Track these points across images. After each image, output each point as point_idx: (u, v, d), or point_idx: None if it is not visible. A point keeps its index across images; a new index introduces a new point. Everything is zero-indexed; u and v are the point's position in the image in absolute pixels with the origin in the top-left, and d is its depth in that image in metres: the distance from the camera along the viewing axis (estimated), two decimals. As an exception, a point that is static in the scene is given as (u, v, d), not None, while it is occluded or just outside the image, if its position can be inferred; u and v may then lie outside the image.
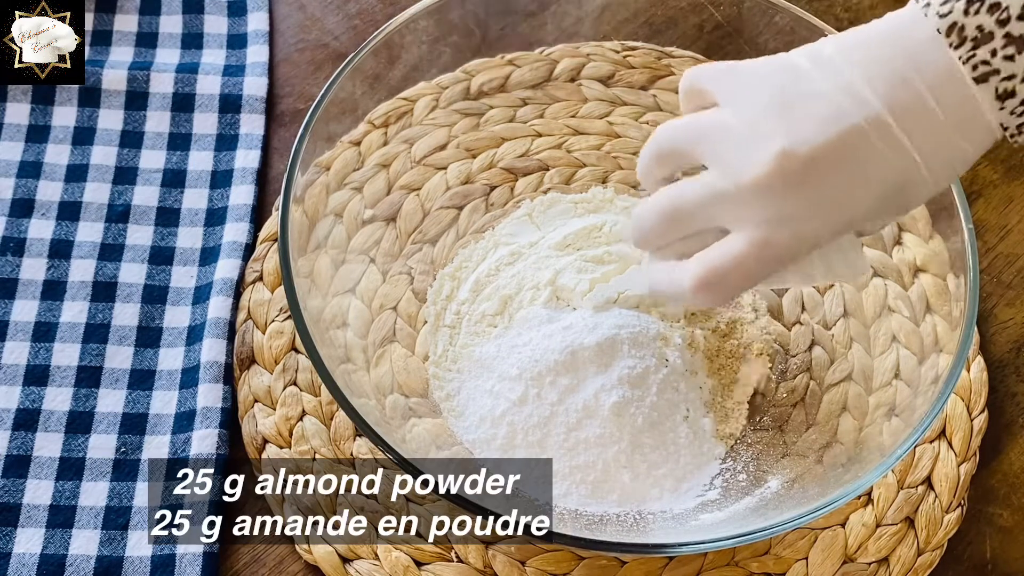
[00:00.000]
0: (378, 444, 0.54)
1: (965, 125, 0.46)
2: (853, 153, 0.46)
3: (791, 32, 0.69)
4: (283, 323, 0.67)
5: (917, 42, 0.46)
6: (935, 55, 0.45)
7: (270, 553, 0.62)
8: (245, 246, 0.70)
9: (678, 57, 0.79)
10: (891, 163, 0.46)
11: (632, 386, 0.62)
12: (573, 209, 0.72)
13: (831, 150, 0.46)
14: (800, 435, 0.64)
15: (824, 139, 0.46)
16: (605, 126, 0.76)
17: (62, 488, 0.62)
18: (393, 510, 0.62)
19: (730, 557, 0.62)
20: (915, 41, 0.46)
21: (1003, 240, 0.75)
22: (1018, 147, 0.51)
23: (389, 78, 0.71)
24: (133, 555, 0.60)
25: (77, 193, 0.72)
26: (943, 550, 0.63)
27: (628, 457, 0.61)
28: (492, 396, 0.63)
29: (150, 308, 0.68)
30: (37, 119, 0.75)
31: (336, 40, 0.81)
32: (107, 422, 0.64)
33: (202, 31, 0.81)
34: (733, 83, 0.49)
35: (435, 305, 0.68)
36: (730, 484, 0.62)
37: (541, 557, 0.61)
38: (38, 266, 0.69)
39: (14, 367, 0.66)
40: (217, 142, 0.75)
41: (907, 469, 0.64)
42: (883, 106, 0.46)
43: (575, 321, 0.64)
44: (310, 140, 0.63)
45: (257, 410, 0.65)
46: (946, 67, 0.45)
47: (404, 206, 0.71)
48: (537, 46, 0.78)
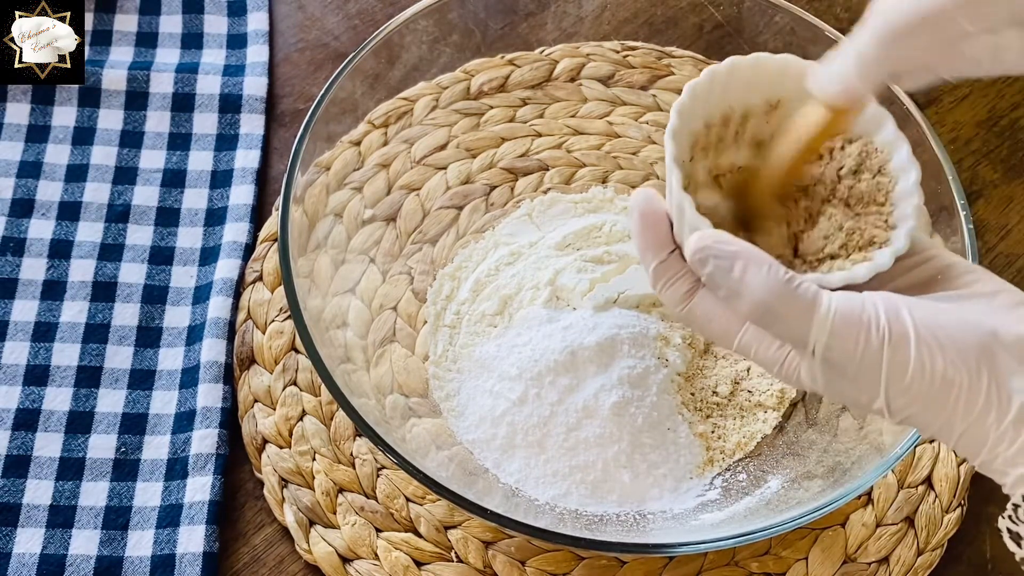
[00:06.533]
0: (378, 444, 0.54)
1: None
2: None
3: (791, 32, 0.69)
4: (283, 323, 0.67)
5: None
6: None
7: (270, 553, 0.62)
8: (245, 246, 0.70)
9: (678, 57, 0.79)
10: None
11: (632, 386, 0.62)
12: (573, 209, 0.72)
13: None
14: (800, 435, 0.64)
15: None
16: (605, 126, 0.76)
17: (62, 488, 0.62)
18: (393, 510, 0.62)
19: (730, 557, 0.62)
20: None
21: (1003, 240, 0.75)
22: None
23: (389, 78, 0.71)
24: (133, 555, 0.60)
25: (77, 193, 0.72)
26: (943, 550, 0.63)
27: (628, 457, 0.61)
28: (492, 396, 0.63)
29: (150, 308, 0.68)
30: (37, 119, 0.75)
31: (336, 40, 0.81)
32: (107, 422, 0.64)
33: (202, 31, 0.80)
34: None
35: (435, 305, 0.68)
36: (730, 484, 0.62)
37: (541, 557, 0.61)
38: (38, 266, 0.69)
39: (14, 367, 0.65)
40: (217, 142, 0.75)
41: (907, 469, 0.64)
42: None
43: (575, 321, 0.64)
44: (310, 140, 0.63)
45: (257, 410, 0.65)
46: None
47: (404, 206, 0.71)
48: (537, 46, 0.78)
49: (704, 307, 0.46)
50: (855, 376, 0.43)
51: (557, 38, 0.79)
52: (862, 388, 0.43)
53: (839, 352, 0.43)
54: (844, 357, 0.43)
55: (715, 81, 0.49)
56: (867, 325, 0.42)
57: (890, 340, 0.42)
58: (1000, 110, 0.81)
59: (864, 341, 0.42)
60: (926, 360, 0.42)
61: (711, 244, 0.44)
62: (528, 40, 0.78)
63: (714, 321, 0.46)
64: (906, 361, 0.42)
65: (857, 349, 0.42)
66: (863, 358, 0.42)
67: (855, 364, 0.43)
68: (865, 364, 0.42)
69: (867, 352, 0.42)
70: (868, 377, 0.43)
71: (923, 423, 0.43)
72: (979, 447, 0.43)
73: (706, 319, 0.46)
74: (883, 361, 0.42)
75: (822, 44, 0.67)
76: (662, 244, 0.47)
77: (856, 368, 0.43)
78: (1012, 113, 0.81)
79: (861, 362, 0.42)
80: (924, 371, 0.42)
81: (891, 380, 0.42)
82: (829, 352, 0.43)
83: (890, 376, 0.42)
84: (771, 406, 0.65)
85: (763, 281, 0.43)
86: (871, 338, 0.42)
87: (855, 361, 0.43)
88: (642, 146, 0.76)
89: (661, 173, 0.75)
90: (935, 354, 0.42)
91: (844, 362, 0.43)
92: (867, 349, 0.42)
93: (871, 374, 0.43)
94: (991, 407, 0.42)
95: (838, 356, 0.43)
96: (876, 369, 0.42)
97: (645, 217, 0.47)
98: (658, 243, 0.47)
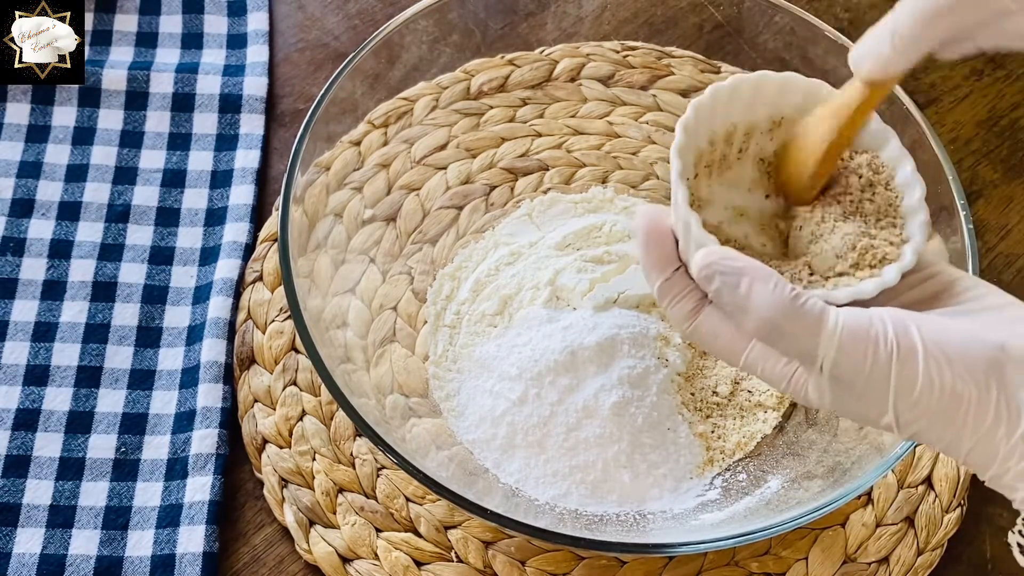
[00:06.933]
0: (378, 444, 0.54)
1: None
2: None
3: (791, 32, 0.69)
4: (283, 323, 0.67)
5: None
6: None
7: (270, 553, 0.62)
8: (245, 246, 0.70)
9: (678, 57, 0.79)
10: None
11: (632, 386, 0.62)
12: (573, 209, 0.72)
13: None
14: (800, 435, 0.64)
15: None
16: (605, 126, 0.76)
17: (62, 488, 0.62)
18: (393, 510, 0.62)
19: (730, 557, 0.62)
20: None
21: (1003, 240, 0.75)
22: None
23: (389, 78, 0.71)
24: (133, 555, 0.60)
25: (77, 193, 0.72)
26: (943, 550, 0.63)
27: (628, 457, 0.61)
28: (492, 396, 0.63)
29: (150, 308, 0.68)
30: (37, 119, 0.75)
31: (336, 40, 0.81)
32: (107, 422, 0.64)
33: (202, 31, 0.80)
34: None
35: (435, 305, 0.68)
36: (730, 484, 0.62)
37: (541, 557, 0.61)
38: (38, 266, 0.69)
39: (14, 367, 0.65)
40: (217, 142, 0.75)
41: (907, 469, 0.64)
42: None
43: (575, 321, 0.64)
44: (310, 140, 0.63)
45: (257, 410, 0.65)
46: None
47: (404, 206, 0.71)
48: (537, 46, 0.78)
49: (710, 324, 0.46)
50: (863, 392, 0.43)
51: (557, 38, 0.79)
52: (871, 404, 0.43)
53: (847, 368, 0.42)
54: (852, 372, 0.42)
55: (717, 99, 0.49)
56: (875, 340, 0.42)
57: (898, 355, 0.42)
58: (1000, 110, 0.81)
59: (872, 356, 0.42)
60: (934, 374, 0.42)
61: (717, 260, 0.44)
62: (528, 40, 0.78)
63: (720, 338, 0.46)
64: (914, 376, 0.42)
65: (865, 364, 0.42)
66: (871, 373, 0.42)
67: (863, 379, 0.42)
68: (873, 379, 0.42)
69: (875, 367, 0.42)
70: (876, 392, 0.43)
71: (932, 438, 0.43)
72: (989, 461, 0.43)
73: (712, 336, 0.46)
74: (891, 376, 0.42)
75: (822, 44, 0.67)
76: (668, 261, 0.47)
77: (864, 383, 0.43)
78: (1012, 113, 0.81)
79: (869, 377, 0.42)
80: (933, 385, 0.42)
81: (899, 395, 0.42)
82: (837, 368, 0.43)
83: (898, 391, 0.42)
84: (771, 406, 0.65)
85: (769, 297, 0.43)
86: (879, 353, 0.42)
87: (863, 376, 0.42)
88: (642, 146, 0.76)
89: (661, 173, 0.75)
90: (943, 368, 0.42)
91: (852, 377, 0.43)
92: (875, 364, 0.42)
93: (879, 389, 0.42)
94: (1000, 421, 0.42)
95: (846, 372, 0.43)
96: (884, 384, 0.42)
97: (650, 235, 0.47)
98: (663, 261, 0.47)
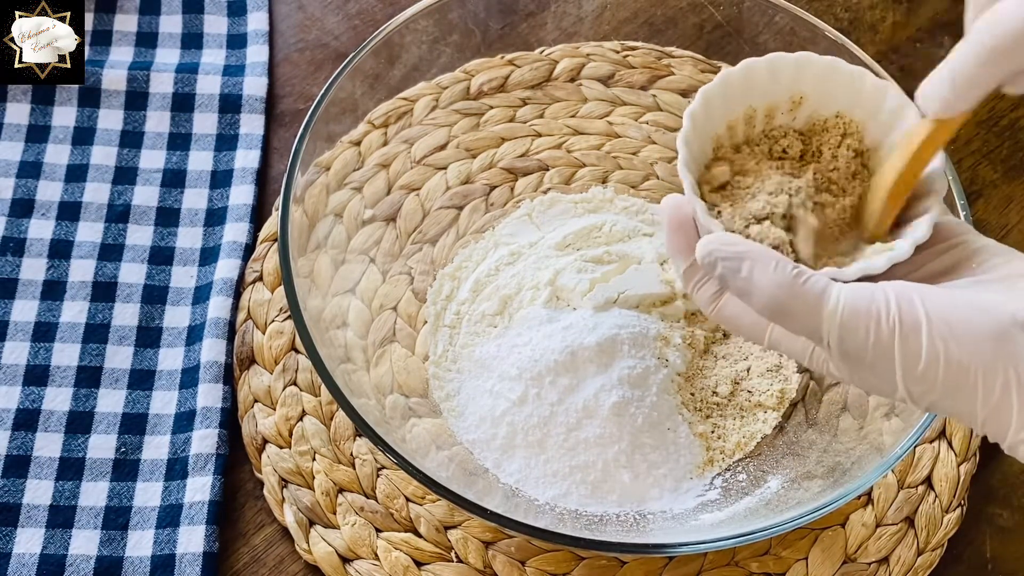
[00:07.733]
0: (378, 444, 0.54)
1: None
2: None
3: (791, 32, 0.69)
4: (283, 323, 0.67)
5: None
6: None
7: (270, 553, 0.62)
8: (245, 246, 0.70)
9: (678, 57, 0.79)
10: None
11: (632, 386, 0.62)
12: (573, 209, 0.72)
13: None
14: (800, 435, 0.64)
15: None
16: (605, 126, 0.76)
17: (62, 488, 0.62)
18: (393, 510, 0.62)
19: (730, 557, 0.62)
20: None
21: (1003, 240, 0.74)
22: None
23: (389, 78, 0.71)
24: (133, 555, 0.60)
25: (77, 193, 0.72)
26: (943, 550, 0.63)
27: (628, 457, 0.61)
28: (492, 396, 0.63)
29: (150, 308, 0.68)
30: (37, 119, 0.75)
31: (336, 40, 0.81)
32: (107, 422, 0.64)
33: (202, 31, 0.80)
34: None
35: (435, 305, 0.68)
36: (730, 484, 0.62)
37: (541, 557, 0.61)
38: (38, 266, 0.69)
39: (14, 367, 0.65)
40: (217, 142, 0.75)
41: (907, 469, 0.64)
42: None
43: (575, 321, 0.64)
44: (310, 140, 0.63)
45: (257, 410, 0.65)
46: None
47: (404, 206, 0.71)
48: (537, 46, 0.78)
49: (732, 307, 0.47)
50: (872, 366, 0.43)
51: (557, 38, 0.79)
52: (882, 378, 0.43)
53: (852, 344, 0.43)
54: (858, 348, 0.43)
55: (730, 84, 0.49)
56: (876, 316, 0.42)
57: (900, 330, 0.42)
58: (1000, 110, 0.81)
59: (874, 332, 0.42)
60: (939, 348, 0.42)
61: (717, 247, 0.44)
62: (528, 40, 0.78)
63: (743, 320, 0.47)
64: (918, 350, 0.42)
65: (868, 340, 0.42)
66: (875, 349, 0.42)
67: (869, 355, 0.43)
68: (879, 354, 0.43)
69: (878, 343, 0.42)
70: (884, 367, 0.43)
71: (947, 409, 0.43)
72: (1004, 430, 0.43)
73: (736, 318, 0.47)
74: (895, 351, 0.42)
75: (822, 44, 0.67)
76: (691, 247, 0.47)
77: (872, 358, 0.43)
78: (1012, 113, 0.81)
79: (874, 352, 0.43)
80: (938, 359, 0.42)
81: (906, 369, 0.42)
82: (843, 345, 0.43)
83: (904, 365, 0.42)
84: (771, 406, 0.65)
85: (771, 278, 0.43)
86: (881, 329, 0.42)
87: (868, 352, 0.43)
88: (642, 146, 0.76)
89: (661, 173, 0.75)
90: (948, 341, 0.42)
91: (859, 353, 0.43)
92: (878, 340, 0.42)
93: (886, 364, 0.43)
94: (1009, 391, 0.42)
95: (852, 348, 0.43)
96: (890, 359, 0.42)
97: (672, 222, 0.48)
98: (687, 247, 0.48)
